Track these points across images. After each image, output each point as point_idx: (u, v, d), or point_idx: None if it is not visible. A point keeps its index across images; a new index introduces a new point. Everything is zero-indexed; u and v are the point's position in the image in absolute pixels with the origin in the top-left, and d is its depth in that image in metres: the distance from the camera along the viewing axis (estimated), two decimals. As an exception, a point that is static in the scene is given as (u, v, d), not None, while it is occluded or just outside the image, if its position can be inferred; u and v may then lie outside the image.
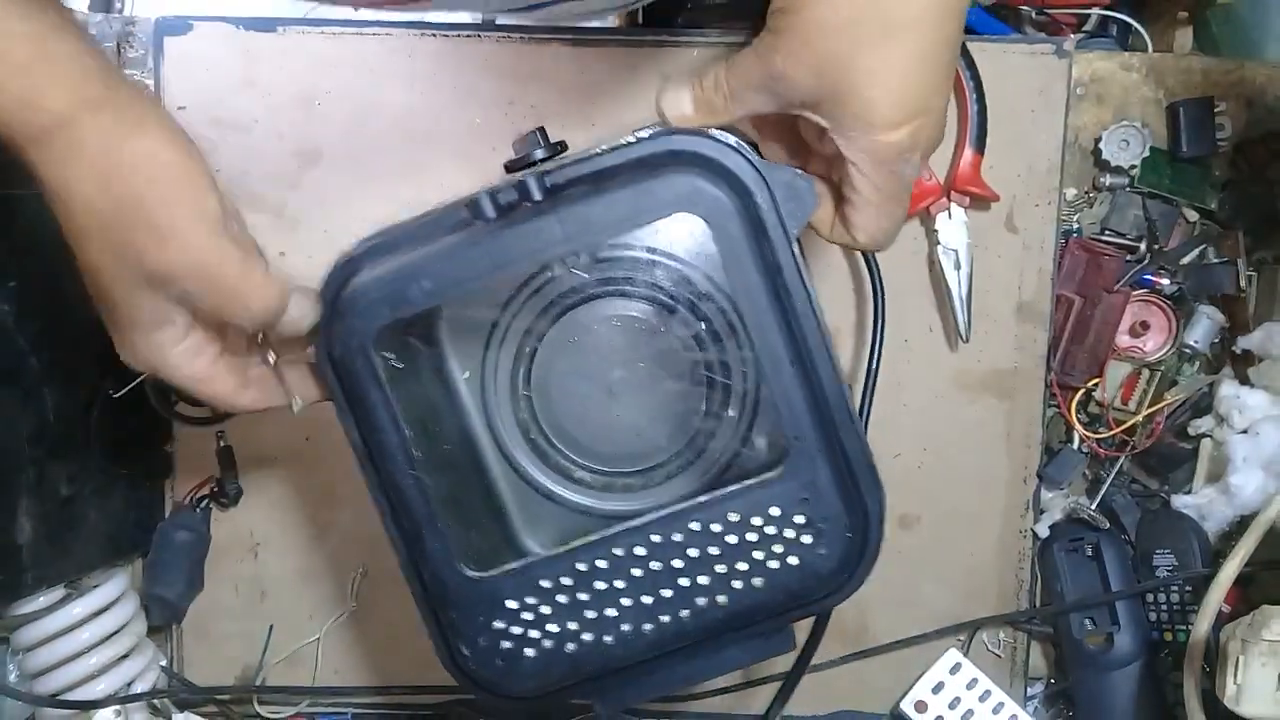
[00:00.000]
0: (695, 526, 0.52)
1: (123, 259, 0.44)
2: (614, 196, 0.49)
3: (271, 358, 0.52)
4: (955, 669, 0.75)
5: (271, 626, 0.76)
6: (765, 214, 0.49)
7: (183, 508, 0.75)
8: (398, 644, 0.76)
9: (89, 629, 0.69)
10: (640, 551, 0.53)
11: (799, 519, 0.52)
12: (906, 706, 0.75)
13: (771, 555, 0.52)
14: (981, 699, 0.75)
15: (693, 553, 0.52)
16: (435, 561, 0.53)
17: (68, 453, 0.67)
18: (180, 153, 0.45)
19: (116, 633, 0.71)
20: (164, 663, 0.76)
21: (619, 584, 0.53)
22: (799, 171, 0.49)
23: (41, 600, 0.68)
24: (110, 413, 0.69)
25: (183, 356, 0.47)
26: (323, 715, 0.78)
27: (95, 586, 0.71)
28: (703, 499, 0.53)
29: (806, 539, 0.52)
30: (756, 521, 0.52)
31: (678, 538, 0.52)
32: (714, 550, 0.52)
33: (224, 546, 0.76)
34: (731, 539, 0.52)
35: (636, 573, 0.53)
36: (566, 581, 0.53)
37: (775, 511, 0.52)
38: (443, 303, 0.52)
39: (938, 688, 0.75)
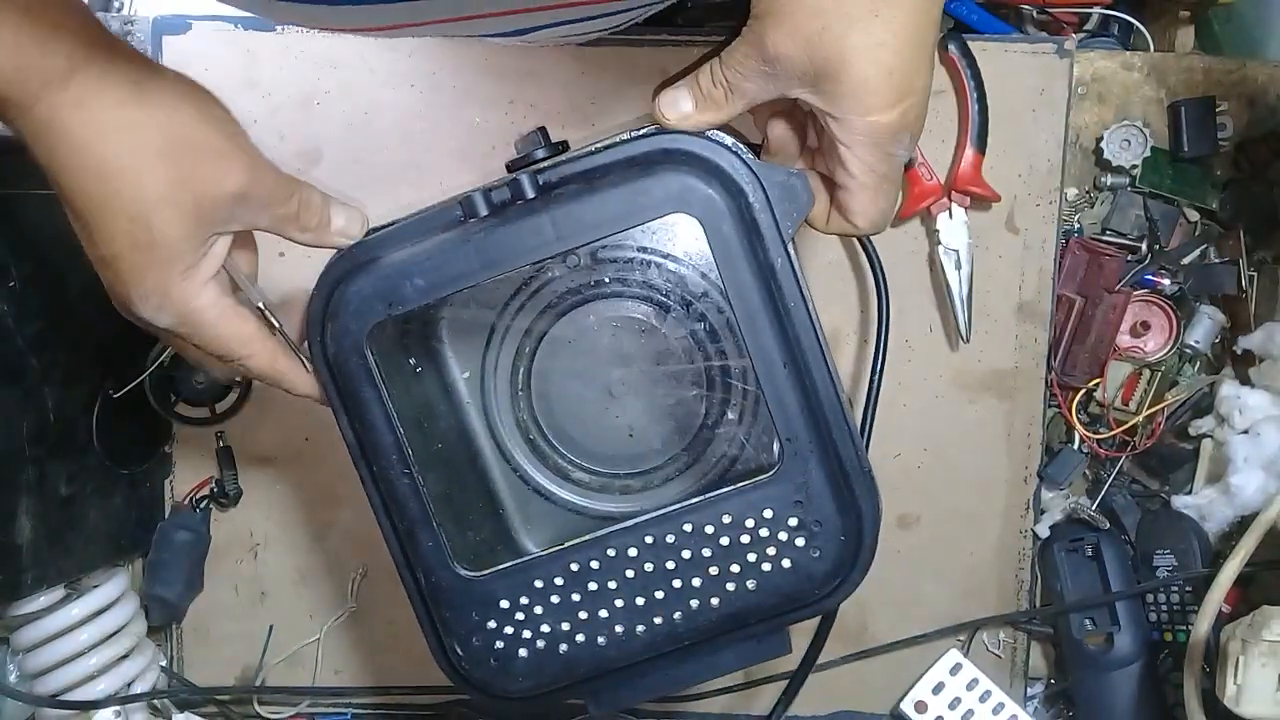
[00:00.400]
0: (688, 527, 0.52)
1: (185, 188, 0.43)
2: (607, 195, 0.49)
3: (275, 321, 0.52)
4: (955, 669, 0.75)
5: (271, 626, 0.76)
6: (759, 214, 0.49)
7: (183, 508, 0.75)
8: (398, 644, 0.76)
9: (89, 629, 0.69)
10: (633, 552, 0.53)
11: (792, 521, 0.52)
12: (906, 706, 0.75)
13: (764, 557, 0.52)
14: (982, 699, 0.75)
15: (685, 554, 0.52)
16: (429, 560, 0.53)
17: (68, 453, 0.67)
18: (203, 89, 0.46)
19: (116, 633, 0.71)
20: (164, 663, 0.76)
21: (612, 585, 0.53)
22: (794, 170, 0.49)
23: (41, 600, 0.68)
24: (110, 413, 0.69)
25: (214, 293, 0.47)
26: (322, 715, 0.78)
27: (95, 587, 0.71)
28: (695, 500, 0.52)
29: (799, 541, 0.52)
30: (749, 523, 0.52)
31: (670, 539, 0.52)
32: (706, 552, 0.52)
33: (224, 546, 0.76)
34: (724, 540, 0.52)
35: (629, 573, 0.53)
36: (559, 582, 0.53)
37: (768, 513, 0.52)
38: (436, 300, 0.51)
39: (938, 688, 0.75)
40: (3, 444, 0.62)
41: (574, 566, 0.53)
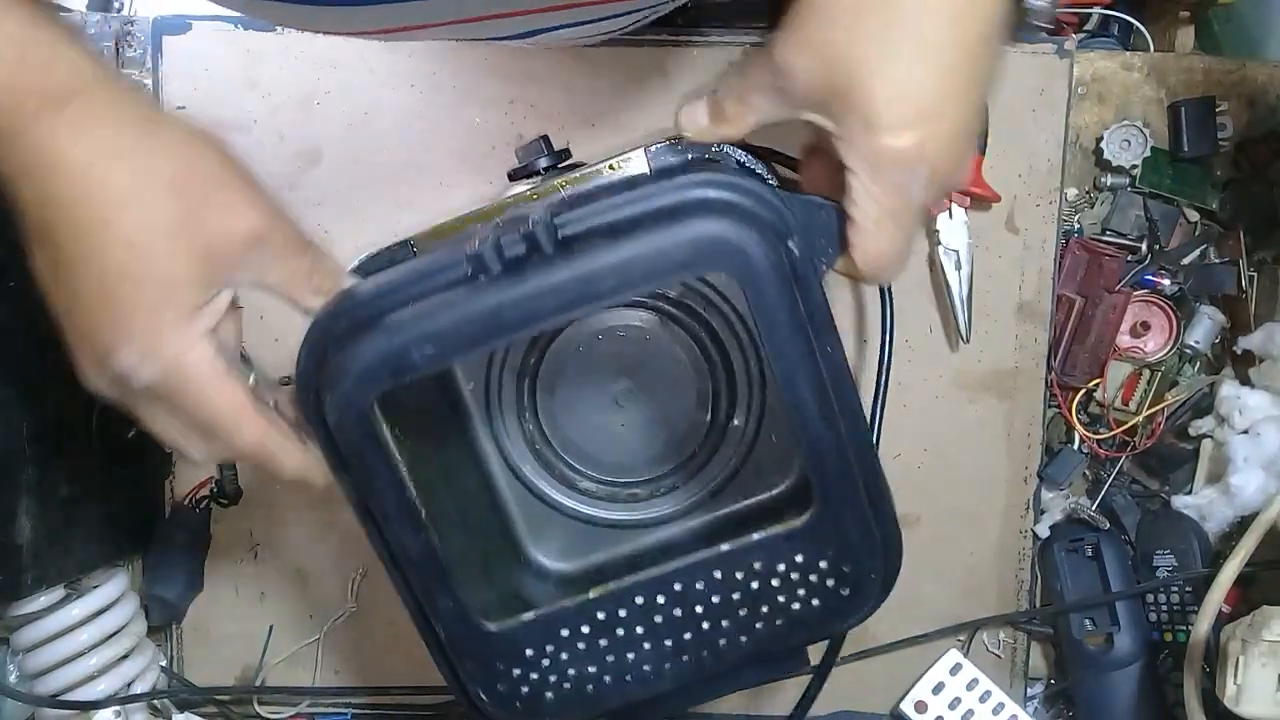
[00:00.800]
0: (718, 575, 0.51)
1: (196, 222, 0.39)
2: (635, 249, 0.44)
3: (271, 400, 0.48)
4: (955, 669, 0.75)
5: (271, 626, 0.76)
6: (799, 263, 0.45)
7: (183, 508, 0.75)
8: (398, 644, 0.76)
9: (89, 629, 0.69)
10: (661, 600, 0.51)
11: (823, 564, 0.50)
12: (906, 707, 0.75)
13: (795, 598, 0.51)
14: (982, 699, 0.75)
15: (715, 599, 0.51)
16: (449, 619, 0.51)
17: (68, 453, 0.67)
18: (211, 132, 0.42)
19: (116, 633, 0.71)
20: (164, 663, 0.76)
21: (639, 630, 0.51)
22: (827, 202, 0.45)
23: (41, 600, 0.68)
24: (110, 412, 0.69)
25: (209, 349, 0.42)
26: (322, 715, 0.78)
27: (95, 587, 0.71)
28: (726, 548, 0.51)
29: (830, 582, 0.51)
30: (781, 568, 0.50)
31: (700, 585, 0.51)
32: (736, 596, 0.51)
33: (224, 546, 0.76)
34: (754, 585, 0.51)
35: (658, 619, 0.51)
36: (586, 630, 0.51)
37: (800, 559, 0.50)
38: (448, 365, 0.48)
39: (938, 688, 0.75)
40: (3, 444, 0.62)
41: (600, 615, 0.51)
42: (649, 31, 0.71)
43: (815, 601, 0.51)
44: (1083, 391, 0.74)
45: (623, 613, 0.51)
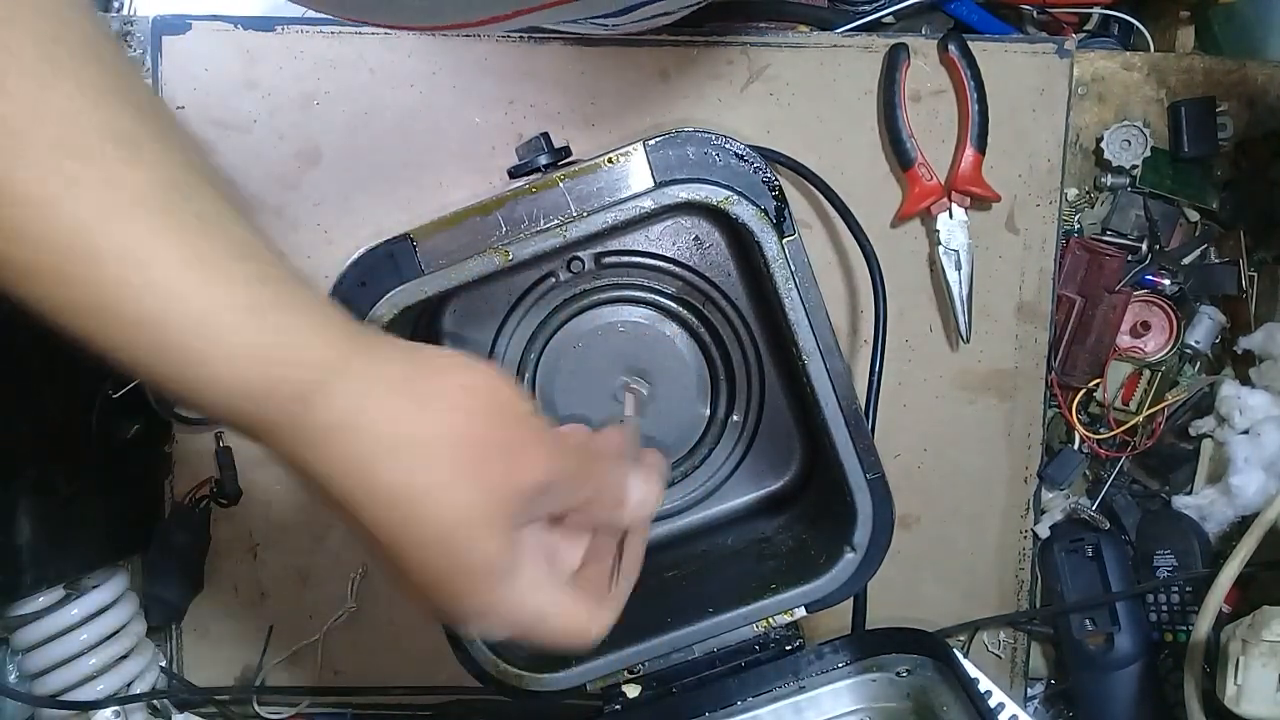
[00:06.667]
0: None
1: (489, 496, 0.38)
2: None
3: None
4: (955, 669, 0.75)
5: (271, 627, 0.76)
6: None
7: (182, 508, 0.75)
8: (398, 644, 0.76)
9: (88, 629, 0.69)
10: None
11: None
12: (907, 706, 0.75)
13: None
14: (982, 699, 0.74)
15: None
16: None
17: (68, 453, 0.67)
18: (478, 366, 0.40)
19: (116, 633, 0.71)
20: (164, 663, 0.76)
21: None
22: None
23: (41, 600, 0.68)
24: (110, 413, 0.69)
25: (545, 592, 0.41)
26: (322, 715, 0.78)
27: (95, 587, 0.71)
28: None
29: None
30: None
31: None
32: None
33: (224, 546, 0.76)
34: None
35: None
36: None
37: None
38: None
39: (938, 688, 0.75)
40: (3, 444, 0.62)
41: None
42: (649, 31, 0.71)
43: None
44: (1083, 391, 0.74)
45: None
